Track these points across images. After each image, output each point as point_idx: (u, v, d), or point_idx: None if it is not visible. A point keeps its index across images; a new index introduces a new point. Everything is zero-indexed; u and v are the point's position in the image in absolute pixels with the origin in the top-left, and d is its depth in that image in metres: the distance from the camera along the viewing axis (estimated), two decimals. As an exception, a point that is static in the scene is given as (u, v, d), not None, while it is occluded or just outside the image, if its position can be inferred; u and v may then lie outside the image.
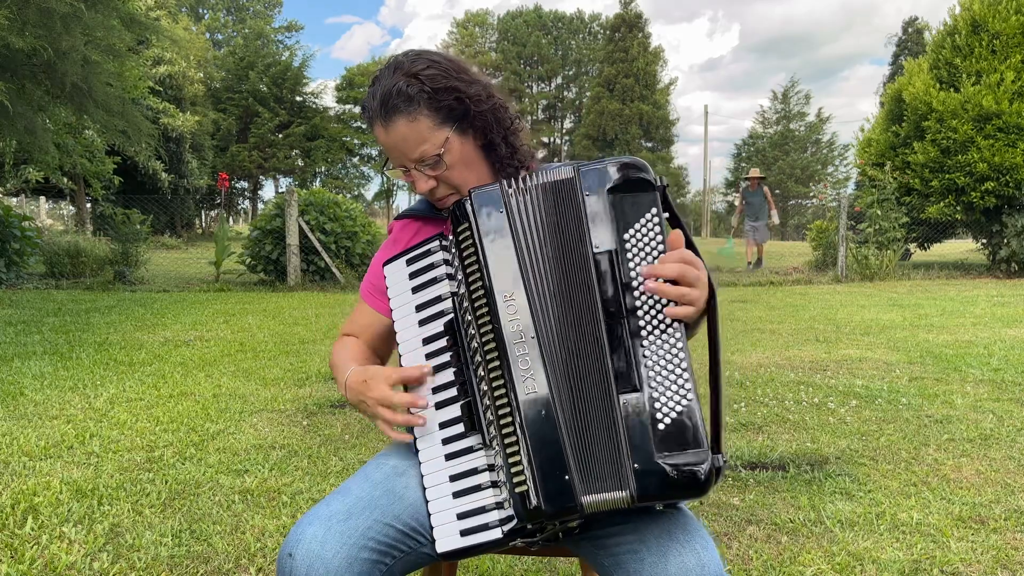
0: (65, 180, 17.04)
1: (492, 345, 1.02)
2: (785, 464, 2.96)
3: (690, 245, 1.06)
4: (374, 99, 1.21)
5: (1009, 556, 2.17)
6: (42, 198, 22.15)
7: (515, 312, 1.01)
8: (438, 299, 1.13)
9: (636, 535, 1.04)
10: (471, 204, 1.06)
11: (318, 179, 37.29)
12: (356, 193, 38.67)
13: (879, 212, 12.07)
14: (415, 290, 1.16)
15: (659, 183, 1.04)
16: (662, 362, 0.99)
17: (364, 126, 37.73)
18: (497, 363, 1.01)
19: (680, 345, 0.99)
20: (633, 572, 1.01)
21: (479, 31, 51.21)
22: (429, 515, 1.11)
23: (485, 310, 1.03)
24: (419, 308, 1.15)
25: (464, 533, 1.07)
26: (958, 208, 12.25)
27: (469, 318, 1.07)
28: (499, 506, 1.05)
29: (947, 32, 12.83)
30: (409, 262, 1.17)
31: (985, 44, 12.10)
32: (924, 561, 2.14)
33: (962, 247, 18.03)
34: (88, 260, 10.96)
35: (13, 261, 10.00)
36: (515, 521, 1.01)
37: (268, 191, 39.69)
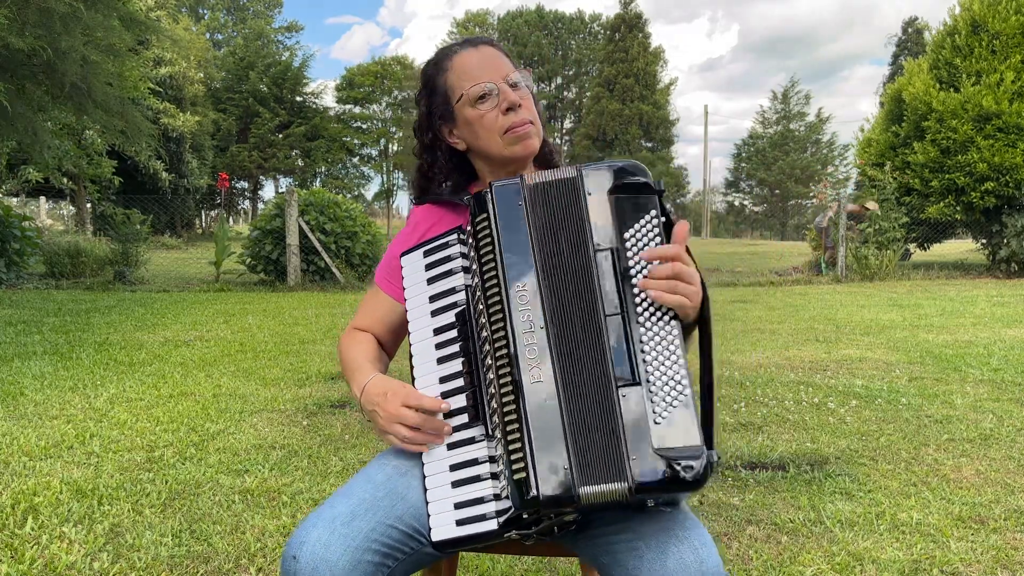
0: (65, 180, 17.04)
1: (501, 333, 1.03)
2: (785, 464, 2.96)
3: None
4: (457, 43, 1.33)
5: (1009, 556, 2.17)
6: (42, 198, 22.15)
7: (527, 302, 1.03)
8: (452, 291, 1.15)
9: (634, 532, 1.04)
10: (491, 195, 1.09)
11: (318, 179, 37.32)
12: (356, 193, 38.69)
13: (879, 212, 12.07)
14: (430, 281, 1.18)
15: (658, 187, 1.07)
16: (660, 358, 1.01)
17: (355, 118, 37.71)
18: (505, 351, 1.02)
19: (677, 343, 1.01)
20: (632, 569, 1.01)
21: (479, 31, 51.20)
22: (427, 503, 1.11)
23: (497, 299, 1.05)
24: (432, 299, 1.17)
25: (460, 523, 1.07)
26: (958, 208, 12.25)
27: (481, 307, 1.08)
28: (497, 498, 1.05)
29: (947, 32, 12.83)
30: (426, 253, 1.19)
31: (985, 44, 12.10)
32: (924, 561, 2.14)
33: (962, 247, 18.03)
34: (88, 260, 10.96)
35: (13, 261, 10.01)
36: (512, 511, 1.01)
37: (268, 191, 39.76)
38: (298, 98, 35.18)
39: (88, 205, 19.70)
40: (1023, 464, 2.95)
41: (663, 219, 1.07)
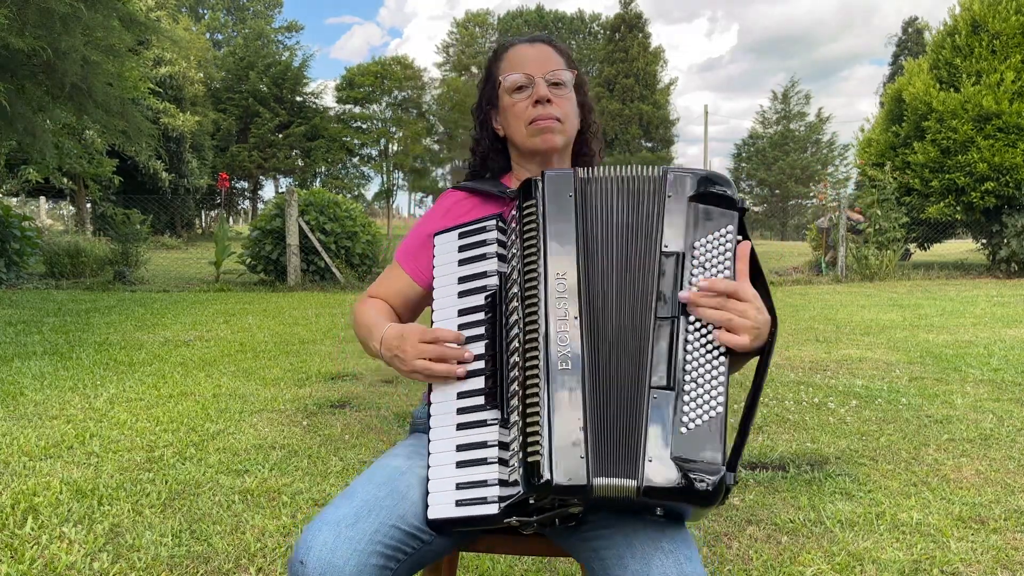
0: (65, 180, 17.04)
1: (534, 318, 1.03)
2: (785, 464, 2.96)
3: (758, 277, 1.08)
4: (521, 37, 1.41)
5: (1009, 556, 2.17)
6: (42, 198, 22.16)
7: (564, 291, 1.03)
8: (483, 274, 1.15)
9: (624, 540, 1.04)
10: (542, 183, 1.09)
11: (318, 179, 37.29)
12: (356, 193, 38.64)
13: (879, 212, 12.07)
14: (462, 263, 1.18)
15: (740, 204, 1.07)
16: (700, 370, 1.01)
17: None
18: (535, 336, 1.02)
19: (722, 359, 1.01)
20: None
21: (479, 31, 51.20)
22: (428, 480, 1.11)
23: (534, 284, 1.04)
24: (463, 280, 1.17)
25: (460, 503, 1.07)
26: (958, 208, 12.25)
27: (515, 291, 1.08)
28: (502, 483, 1.05)
29: (947, 32, 12.84)
30: (462, 235, 1.20)
31: (985, 44, 12.10)
32: (924, 561, 2.14)
33: (962, 247, 18.03)
34: (88, 260, 10.96)
35: (13, 261, 10.00)
36: (519, 494, 1.01)
37: (268, 191, 39.76)
38: (298, 98, 35.14)
39: (88, 205, 19.70)
40: (1023, 464, 2.95)
41: (739, 238, 1.06)
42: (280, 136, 34.23)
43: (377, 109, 38.74)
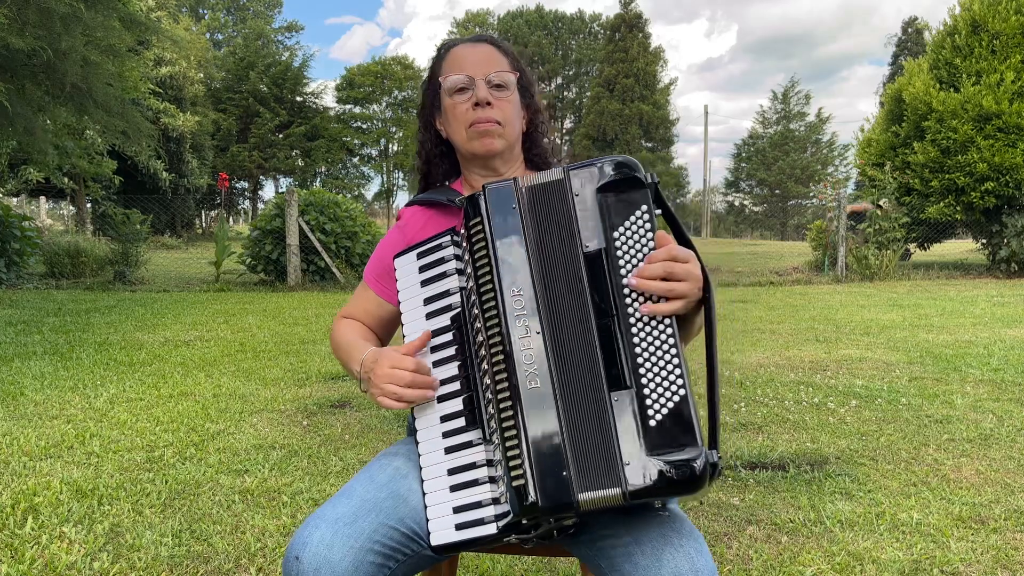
0: (66, 180, 17.04)
1: (498, 339, 1.02)
2: (785, 464, 2.96)
3: (683, 239, 1.08)
4: (464, 38, 1.38)
5: (1009, 556, 2.17)
6: (42, 198, 22.16)
7: (522, 307, 1.02)
8: (447, 293, 1.15)
9: (631, 537, 1.04)
10: (484, 199, 1.07)
11: (318, 179, 37.31)
12: (356, 193, 38.68)
13: (879, 212, 12.06)
14: (424, 283, 1.18)
15: (650, 180, 1.04)
16: (653, 358, 0.99)
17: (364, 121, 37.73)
18: (501, 357, 1.02)
19: (672, 341, 0.99)
20: (627, 574, 1.01)
21: (479, 31, 51.19)
22: (425, 507, 1.11)
23: (492, 304, 1.04)
24: (427, 301, 1.17)
25: (459, 527, 1.07)
26: (958, 208, 12.24)
27: (476, 312, 1.07)
28: (496, 502, 1.05)
29: (947, 32, 12.83)
30: (420, 255, 1.19)
31: (985, 44, 12.10)
32: (924, 561, 2.14)
33: (962, 247, 18.04)
34: (88, 260, 10.96)
35: (13, 261, 10.00)
36: (511, 516, 1.01)
37: (268, 191, 39.77)
38: (298, 98, 35.15)
39: (88, 205, 19.70)
40: (1023, 464, 2.95)
41: (658, 211, 1.05)
42: (280, 136, 34.23)
43: (377, 109, 38.77)
